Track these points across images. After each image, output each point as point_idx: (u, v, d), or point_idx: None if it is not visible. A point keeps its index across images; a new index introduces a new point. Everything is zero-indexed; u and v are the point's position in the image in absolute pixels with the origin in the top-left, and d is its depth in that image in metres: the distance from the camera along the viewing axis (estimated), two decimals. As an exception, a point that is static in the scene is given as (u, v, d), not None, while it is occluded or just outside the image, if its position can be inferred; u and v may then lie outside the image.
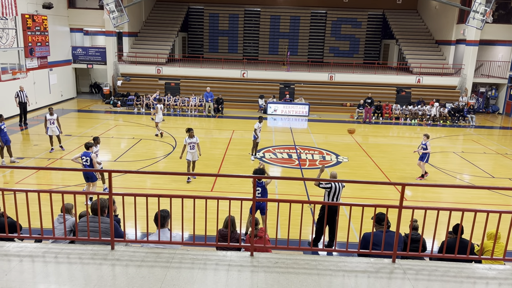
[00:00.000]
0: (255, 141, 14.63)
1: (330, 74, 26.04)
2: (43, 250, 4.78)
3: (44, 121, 14.35)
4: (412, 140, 19.36)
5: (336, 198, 8.23)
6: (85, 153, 10.16)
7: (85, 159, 10.10)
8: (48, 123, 14.13)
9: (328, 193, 8.21)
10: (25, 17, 20.07)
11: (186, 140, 11.87)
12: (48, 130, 14.20)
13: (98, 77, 28.15)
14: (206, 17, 33.98)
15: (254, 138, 14.55)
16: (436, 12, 29.57)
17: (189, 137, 11.85)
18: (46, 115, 14.27)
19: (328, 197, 8.23)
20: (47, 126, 14.17)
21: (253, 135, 14.54)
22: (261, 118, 14.74)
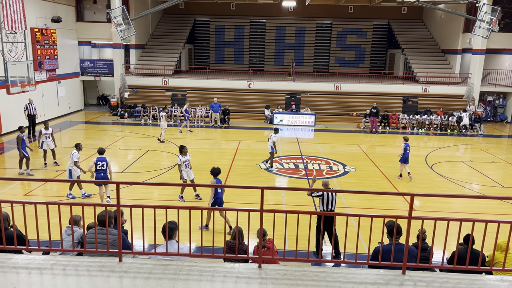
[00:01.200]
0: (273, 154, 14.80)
1: (336, 84, 26.06)
2: (51, 262, 4.78)
3: (38, 135, 14.08)
4: (419, 150, 19.22)
5: (331, 205, 8.31)
6: (99, 159, 10.59)
7: (100, 164, 10.55)
8: (43, 137, 13.90)
9: (322, 201, 8.34)
10: (34, 31, 20.39)
11: (181, 159, 11.19)
12: (44, 144, 13.97)
13: (106, 89, 28.41)
14: (212, 29, 34.28)
15: (272, 150, 14.68)
16: (442, 22, 29.60)
17: (183, 155, 11.23)
18: (41, 130, 14.07)
19: (322, 205, 8.36)
20: (41, 140, 13.93)
21: (272, 147, 14.63)
22: (277, 130, 14.92)
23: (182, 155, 11.22)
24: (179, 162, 11.22)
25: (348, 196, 11.91)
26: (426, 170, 15.31)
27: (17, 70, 15.72)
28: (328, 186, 8.64)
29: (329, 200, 8.29)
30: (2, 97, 17.66)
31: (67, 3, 24.12)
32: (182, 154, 11.23)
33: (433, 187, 13.36)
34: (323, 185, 8.64)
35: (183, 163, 11.23)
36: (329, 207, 8.29)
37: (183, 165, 11.24)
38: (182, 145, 11.47)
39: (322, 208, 8.33)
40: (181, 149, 11.32)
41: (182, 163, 11.20)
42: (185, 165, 11.29)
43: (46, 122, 14.65)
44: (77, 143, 11.60)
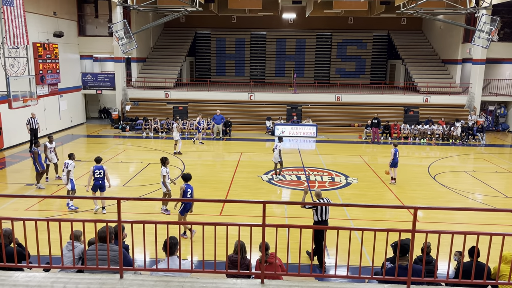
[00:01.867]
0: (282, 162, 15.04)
1: (337, 95, 26.12)
2: (52, 280, 4.73)
3: (44, 149, 13.98)
4: (422, 160, 19.17)
5: (324, 215, 8.42)
6: (97, 167, 11.11)
7: (98, 172, 11.06)
8: (48, 151, 13.91)
9: (315, 212, 8.42)
10: (36, 45, 20.55)
11: (167, 170, 11.23)
12: (47, 159, 13.93)
13: (107, 102, 28.52)
14: (213, 41, 34.53)
15: (280, 159, 14.88)
16: (441, 32, 29.75)
17: (166, 167, 11.23)
18: (46, 143, 14.03)
19: (316, 215, 8.45)
20: (46, 154, 13.92)
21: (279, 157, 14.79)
22: (281, 138, 15.20)
23: (165, 167, 11.21)
24: (164, 173, 11.18)
25: (351, 207, 11.82)
26: (428, 180, 15.24)
27: (19, 84, 15.79)
28: (321, 196, 8.77)
29: (322, 210, 8.40)
30: (4, 111, 17.76)
31: (69, 18, 24.35)
32: (165, 165, 11.22)
33: (436, 198, 13.27)
34: (315, 195, 8.80)
35: (167, 174, 11.27)
36: (323, 217, 8.42)
37: (167, 177, 11.26)
38: (164, 157, 11.47)
39: (316, 218, 8.44)
40: (163, 161, 11.28)
41: (167, 174, 11.24)
42: (168, 176, 11.35)
43: (50, 136, 14.64)
44: (70, 153, 11.98)
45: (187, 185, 9.62)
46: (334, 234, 5.06)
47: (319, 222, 8.42)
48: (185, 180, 9.66)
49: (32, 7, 20.01)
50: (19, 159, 17.28)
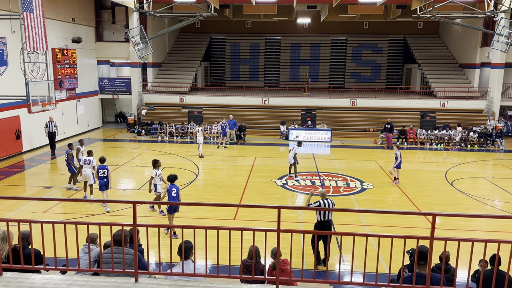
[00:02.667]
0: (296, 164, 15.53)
1: (352, 100, 25.94)
2: (68, 283, 4.77)
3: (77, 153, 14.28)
4: (439, 166, 18.86)
5: (327, 215, 8.49)
6: (101, 167, 11.84)
7: (102, 171, 11.76)
8: (80, 154, 14.17)
9: (319, 211, 8.49)
10: (55, 51, 20.97)
11: (157, 172, 11.34)
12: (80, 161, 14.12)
13: (123, 107, 28.89)
14: (228, 46, 34.71)
15: (294, 161, 15.47)
16: (459, 36, 29.34)
17: (157, 169, 11.38)
18: (78, 147, 14.40)
19: (319, 215, 8.53)
20: (77, 157, 14.18)
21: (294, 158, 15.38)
22: (300, 143, 15.89)
23: (157, 169, 11.42)
24: (153, 175, 11.38)
25: (367, 213, 11.68)
26: (446, 186, 14.97)
27: (38, 89, 16.09)
28: (325, 196, 8.85)
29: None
30: (23, 116, 18.13)
31: (87, 24, 24.79)
32: (156, 167, 11.43)
33: (454, 204, 13.02)
34: (320, 194, 8.92)
35: (157, 176, 11.44)
36: (325, 217, 8.50)
37: (157, 178, 11.42)
38: (155, 159, 11.65)
39: (319, 218, 8.54)
40: (154, 163, 11.51)
41: (156, 176, 11.41)
42: (159, 178, 11.43)
43: (81, 140, 14.96)
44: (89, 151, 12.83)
45: (172, 185, 9.87)
46: (350, 240, 4.99)
47: (321, 221, 8.52)
48: (170, 181, 9.94)
49: (51, 13, 20.44)
50: (38, 163, 17.59)
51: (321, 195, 8.91)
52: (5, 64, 17.45)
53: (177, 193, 9.85)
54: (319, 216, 8.55)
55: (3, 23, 17.14)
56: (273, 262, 5.97)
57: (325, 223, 8.51)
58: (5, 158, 17.68)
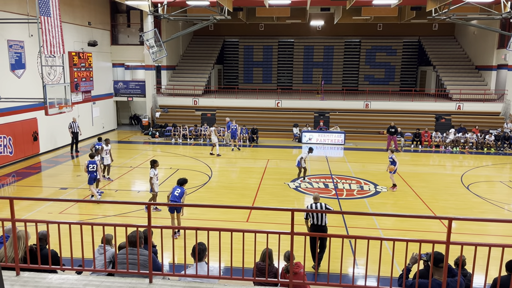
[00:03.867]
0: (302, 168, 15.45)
1: (365, 102, 25.77)
2: (84, 283, 4.83)
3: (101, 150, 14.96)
4: (454, 169, 18.60)
5: (320, 220, 8.39)
6: (90, 162, 12.79)
7: (91, 166, 12.72)
8: (104, 153, 14.92)
9: (311, 215, 8.44)
10: (72, 54, 21.32)
11: (155, 172, 11.74)
12: (104, 160, 14.98)
13: (138, 109, 29.19)
14: (241, 49, 34.83)
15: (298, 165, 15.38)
16: (475, 38, 28.93)
17: (155, 169, 11.76)
18: (102, 145, 15.14)
19: (312, 219, 8.44)
20: (103, 156, 14.86)
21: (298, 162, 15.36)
22: (311, 149, 15.64)
23: (155, 169, 11.79)
24: (151, 175, 11.76)
25: (381, 216, 11.58)
26: (462, 190, 14.75)
27: (55, 92, 16.39)
28: (318, 200, 8.82)
29: (315, 214, 8.40)
30: (40, 118, 18.46)
31: (103, 28, 25.15)
32: (154, 168, 11.79)
33: (470, 208, 12.82)
34: (313, 198, 8.90)
35: (155, 176, 11.77)
36: (318, 221, 8.40)
37: (155, 178, 11.81)
38: (153, 160, 11.99)
39: (312, 221, 8.45)
40: (153, 163, 11.80)
41: (154, 176, 11.78)
42: (156, 178, 11.82)
43: (107, 139, 15.60)
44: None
45: (178, 186, 10.30)
46: (364, 244, 4.96)
47: (315, 226, 8.39)
48: (179, 184, 10.34)
49: (68, 17, 20.80)
50: (54, 164, 17.89)
51: (314, 198, 8.90)
52: (23, 67, 17.81)
53: (180, 194, 10.10)
54: (312, 220, 8.44)
55: (21, 27, 17.51)
56: (286, 265, 5.97)
57: (318, 228, 8.35)
58: (22, 159, 18.02)
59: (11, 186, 14.90)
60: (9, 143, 17.21)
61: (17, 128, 17.63)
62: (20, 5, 17.41)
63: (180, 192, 10.16)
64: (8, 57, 16.92)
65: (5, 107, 16.87)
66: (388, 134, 21.50)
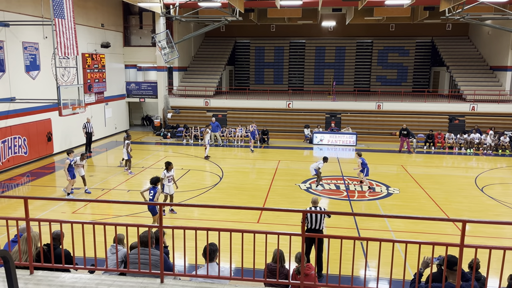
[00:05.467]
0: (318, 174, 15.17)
1: (377, 103, 25.57)
2: (97, 282, 4.88)
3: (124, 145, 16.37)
4: (468, 171, 18.34)
5: (317, 224, 8.24)
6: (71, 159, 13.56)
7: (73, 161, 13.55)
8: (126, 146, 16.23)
9: (307, 218, 8.22)
10: (85, 56, 21.57)
11: (165, 173, 11.74)
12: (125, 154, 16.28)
13: (150, 110, 29.41)
14: (252, 50, 34.86)
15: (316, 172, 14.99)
16: (489, 38, 28.52)
17: (168, 171, 11.77)
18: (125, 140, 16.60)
19: (310, 223, 8.26)
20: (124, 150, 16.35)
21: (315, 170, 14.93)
22: (326, 159, 15.14)
23: (167, 171, 11.80)
24: (162, 176, 11.78)
25: (393, 218, 11.48)
26: (476, 192, 14.54)
27: (69, 93, 16.62)
28: (317, 203, 8.72)
29: (312, 218, 8.23)
30: (54, 119, 18.72)
31: (116, 29, 25.40)
32: (168, 169, 11.85)
33: (485, 211, 12.63)
34: (311, 201, 8.74)
35: (166, 178, 11.78)
36: (314, 226, 8.25)
37: (166, 180, 11.78)
38: (168, 161, 12.13)
39: (310, 226, 8.27)
40: (167, 165, 11.90)
41: (166, 178, 11.75)
42: (168, 180, 11.83)
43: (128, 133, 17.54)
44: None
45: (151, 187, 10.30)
46: (376, 246, 4.92)
47: (312, 230, 8.18)
48: (152, 183, 10.32)
49: (82, 19, 21.06)
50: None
51: (312, 202, 8.75)
52: (37, 68, 18.08)
53: (153, 196, 10.21)
54: (310, 224, 8.23)
55: (36, 29, 17.79)
56: (297, 266, 5.95)
57: (315, 232, 8.14)
58: (36, 159, 18.28)
59: (26, 186, 15.13)
60: (24, 144, 17.47)
61: (32, 129, 17.90)
62: (35, 7, 17.68)
63: (154, 193, 10.14)
64: (23, 58, 17.19)
65: (20, 108, 17.14)
66: (401, 136, 21.33)
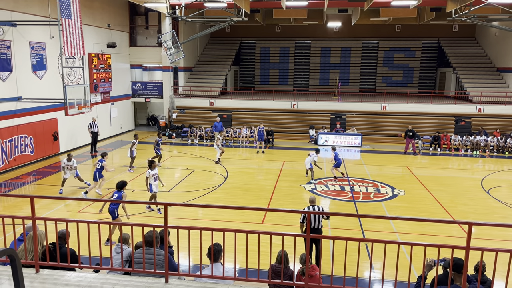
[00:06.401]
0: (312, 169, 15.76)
1: (383, 104, 25.49)
2: (102, 281, 4.90)
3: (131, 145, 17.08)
4: (474, 173, 18.23)
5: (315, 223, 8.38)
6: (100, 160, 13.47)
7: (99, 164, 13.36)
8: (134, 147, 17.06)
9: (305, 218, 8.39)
10: (91, 56, 21.68)
11: (150, 172, 11.89)
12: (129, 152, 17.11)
13: (155, 110, 29.50)
14: (258, 51, 34.87)
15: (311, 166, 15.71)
16: (496, 39, 28.34)
17: (152, 169, 11.93)
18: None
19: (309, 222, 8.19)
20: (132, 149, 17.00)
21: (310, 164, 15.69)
22: (318, 150, 16.06)
23: (151, 169, 11.97)
24: (147, 175, 11.92)
25: (398, 220, 11.43)
26: (482, 194, 14.45)
27: (75, 93, 16.70)
28: (314, 203, 8.82)
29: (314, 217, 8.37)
30: (60, 118, 18.82)
31: (122, 30, 25.50)
32: (151, 168, 11.99)
33: (491, 213, 12.54)
34: (309, 201, 8.87)
35: (152, 176, 11.90)
36: (315, 225, 8.39)
37: (152, 178, 11.94)
38: (151, 160, 12.30)
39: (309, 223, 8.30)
40: (150, 164, 12.10)
41: (151, 176, 11.92)
42: (153, 178, 11.95)
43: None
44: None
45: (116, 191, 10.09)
46: (381, 248, 4.90)
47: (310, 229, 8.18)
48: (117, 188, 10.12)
49: (88, 19, 21.17)
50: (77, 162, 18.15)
51: (310, 201, 8.85)
52: (44, 68, 18.19)
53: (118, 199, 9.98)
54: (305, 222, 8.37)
55: (42, 29, 17.90)
56: (302, 267, 5.94)
57: (314, 231, 8.31)
58: (42, 158, 18.38)
59: (32, 185, 15.22)
60: (30, 143, 17.58)
61: (38, 128, 18.01)
62: (42, 7, 17.80)
63: (117, 197, 9.94)
64: (30, 58, 17.31)
65: (27, 107, 17.26)
66: (406, 137, 21.25)
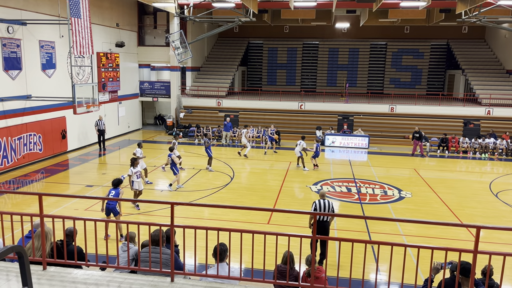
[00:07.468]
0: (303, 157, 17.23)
1: (391, 106, 25.36)
2: (108, 279, 4.93)
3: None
4: (482, 176, 18.07)
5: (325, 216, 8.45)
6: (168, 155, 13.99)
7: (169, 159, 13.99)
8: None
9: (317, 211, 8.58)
10: (100, 55, 21.82)
11: (132, 170, 12.02)
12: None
13: (162, 110, 29.62)
14: (265, 51, 34.86)
15: (301, 154, 17.21)
16: (506, 41, 28.07)
17: (134, 167, 12.05)
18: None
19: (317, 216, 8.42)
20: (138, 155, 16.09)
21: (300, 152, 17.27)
22: (303, 137, 17.65)
23: (134, 167, 12.06)
24: (130, 173, 12.04)
25: (405, 223, 11.36)
26: (490, 198, 14.31)
27: (83, 91, 16.83)
28: (325, 196, 9.00)
29: (321, 210, 8.59)
30: (69, 116, 18.97)
31: (130, 29, 25.64)
32: (134, 166, 12.08)
33: (499, 217, 12.42)
34: (319, 195, 9.11)
35: (134, 174, 12.05)
36: (322, 218, 8.49)
37: (134, 176, 12.07)
38: (133, 158, 12.35)
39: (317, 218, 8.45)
40: (132, 162, 12.18)
41: (133, 174, 12.03)
42: (136, 176, 12.09)
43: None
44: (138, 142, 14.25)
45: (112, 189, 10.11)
46: (387, 250, 4.87)
47: (318, 222, 8.46)
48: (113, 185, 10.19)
49: (97, 19, 21.31)
50: (81, 162, 18.33)
51: (320, 195, 9.05)
52: (53, 67, 18.35)
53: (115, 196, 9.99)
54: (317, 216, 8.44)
55: (52, 28, 18.05)
56: (307, 269, 5.92)
57: (321, 224, 8.49)
58: (51, 156, 18.54)
59: (40, 183, 15.36)
60: (39, 141, 17.74)
61: (47, 126, 18.16)
62: (51, 6, 17.95)
63: (115, 194, 9.97)
64: (39, 57, 17.47)
65: (36, 106, 17.41)
66: (414, 139, 21.12)
